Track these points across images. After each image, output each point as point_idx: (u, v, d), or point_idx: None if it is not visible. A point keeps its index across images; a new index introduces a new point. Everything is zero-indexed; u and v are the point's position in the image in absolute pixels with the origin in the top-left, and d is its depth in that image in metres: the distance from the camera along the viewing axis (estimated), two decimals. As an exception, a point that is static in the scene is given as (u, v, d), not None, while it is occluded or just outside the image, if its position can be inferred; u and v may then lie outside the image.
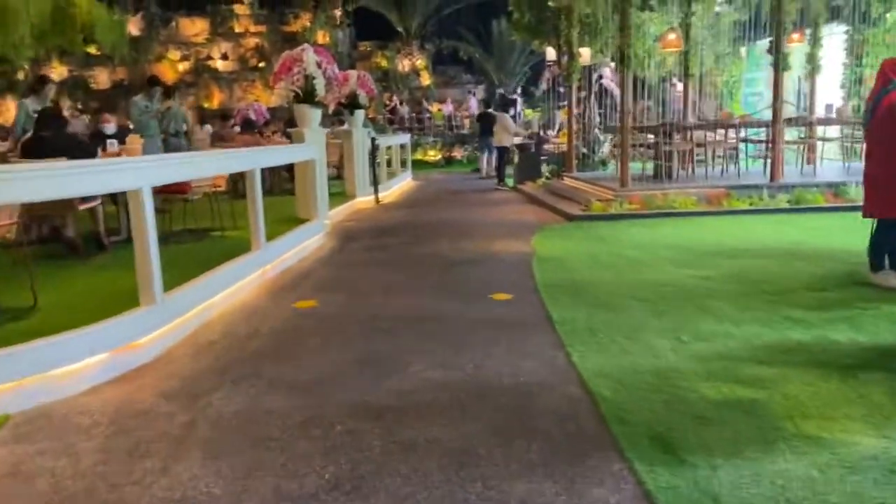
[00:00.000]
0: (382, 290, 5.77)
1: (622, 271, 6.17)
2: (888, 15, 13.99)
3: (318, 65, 8.90)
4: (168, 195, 7.86)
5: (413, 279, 6.21)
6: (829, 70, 13.93)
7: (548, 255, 7.05)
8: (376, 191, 12.20)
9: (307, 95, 8.99)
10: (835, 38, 14.52)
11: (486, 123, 15.51)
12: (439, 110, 26.25)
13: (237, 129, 13.71)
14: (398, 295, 5.61)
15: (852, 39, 14.69)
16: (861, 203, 5.66)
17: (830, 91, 14.41)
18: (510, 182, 14.59)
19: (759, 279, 5.69)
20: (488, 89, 29.01)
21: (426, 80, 30.52)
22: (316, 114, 9.04)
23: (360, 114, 11.94)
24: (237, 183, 13.24)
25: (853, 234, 7.57)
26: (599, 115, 14.88)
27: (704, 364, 3.78)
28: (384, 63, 30.58)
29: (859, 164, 11.67)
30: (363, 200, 12.04)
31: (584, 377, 3.62)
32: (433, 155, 21.76)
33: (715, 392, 3.39)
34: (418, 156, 20.92)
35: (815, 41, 12.62)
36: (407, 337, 4.47)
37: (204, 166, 5.08)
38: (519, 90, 23.40)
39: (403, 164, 17.16)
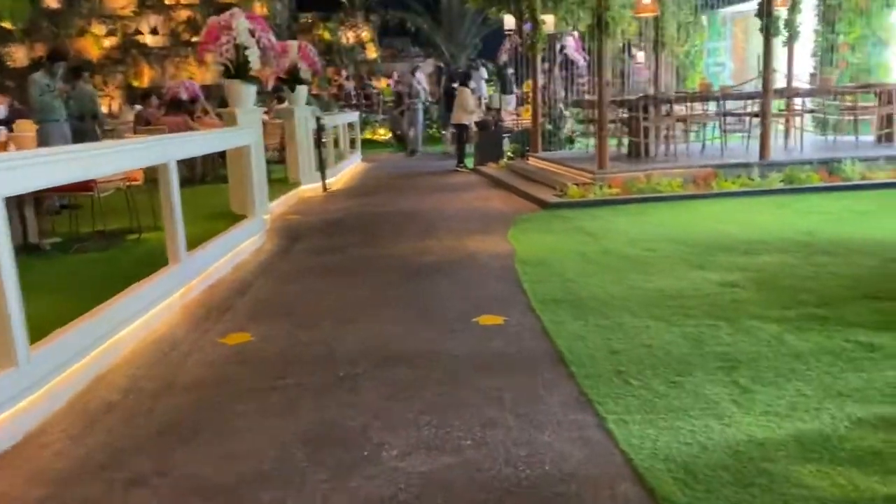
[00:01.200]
0: (335, 314, 4.59)
1: (625, 277, 5.13)
2: (863, -22, 13.25)
3: (251, 33, 7.56)
4: (68, 193, 6.51)
5: (373, 294, 5.05)
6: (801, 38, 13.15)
7: (531, 255, 5.97)
8: (323, 177, 10.93)
9: (239, 69, 7.66)
10: (806, 3, 13.75)
11: (452, 98, 14.31)
12: (388, 85, 24.85)
13: (162, 109, 12.17)
14: (355, 320, 4.45)
15: (824, 5, 13.95)
16: (859, 181, 4.71)
17: (802, 60, 13.65)
18: (469, 163, 13.46)
19: (791, 284, 4.72)
20: (438, 62, 27.67)
21: (372, 53, 28.98)
22: (250, 91, 7.72)
23: (302, 90, 10.60)
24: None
25: (866, 220, 6.73)
26: (564, 88, 13.83)
27: (788, 429, 2.75)
28: (327, 36, 28.89)
29: (847, 138, 11.04)
30: (309, 188, 10.75)
31: (635, 463, 2.54)
32: (383, 134, 20.42)
33: (829, 485, 2.36)
34: (367, 135, 19.57)
35: (793, 5, 11.76)
36: (371, 394, 3.32)
37: (93, 163, 3.80)
38: (480, 63, 22.15)
39: (352, 144, 15.85)
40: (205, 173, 11.60)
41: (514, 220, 7.74)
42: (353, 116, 15.65)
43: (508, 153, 13.44)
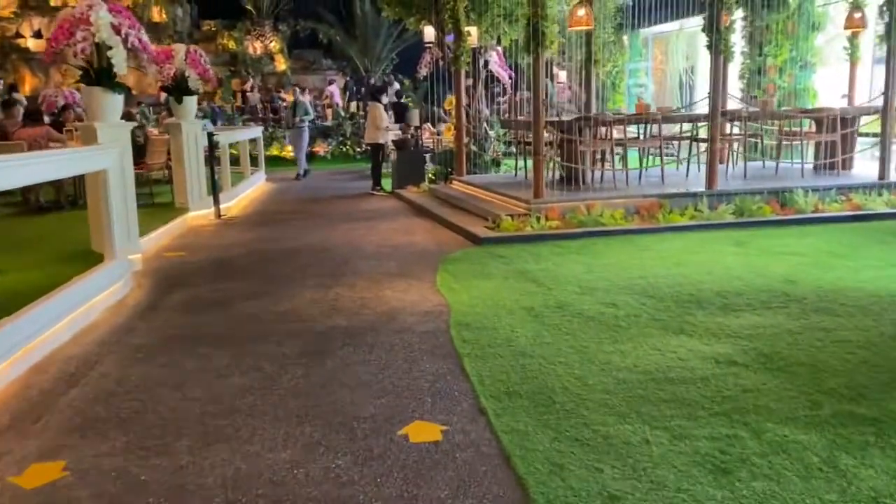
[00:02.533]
0: (197, 426, 3.19)
1: (592, 347, 4.00)
2: (790, 0, 12.93)
3: (116, 29, 6.08)
4: None
5: (257, 384, 3.68)
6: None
7: (469, 313, 4.76)
8: (217, 201, 9.41)
9: (102, 73, 6.15)
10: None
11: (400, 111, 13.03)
12: (297, 99, 23.29)
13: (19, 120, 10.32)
14: (226, 437, 3.09)
15: (752, 26, 13.56)
16: (813, 214, 3.81)
17: (729, 81, 13.18)
18: (387, 186, 12.21)
19: (804, 361, 3.71)
20: (353, 76, 26.35)
21: (282, 64, 27.35)
22: (114, 100, 6.21)
23: (190, 101, 9.08)
24: (29, 192, 9.98)
25: (844, 264, 5.90)
26: (489, 106, 12.82)
27: None
28: (232, 45, 27.09)
29: (785, 164, 10.41)
30: (200, 215, 9.22)
31: None
32: (291, 150, 18.88)
33: None
34: (274, 151, 17.99)
35: (729, 25, 11.18)
36: None
37: None
38: (393, 77, 20.91)
39: (255, 162, 14.30)
40: (76, 195, 9.85)
41: (443, 258, 6.53)
42: (256, 132, 14.11)
43: (430, 175, 12.29)
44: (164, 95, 13.81)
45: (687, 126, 10.59)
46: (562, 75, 20.33)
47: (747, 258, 6.22)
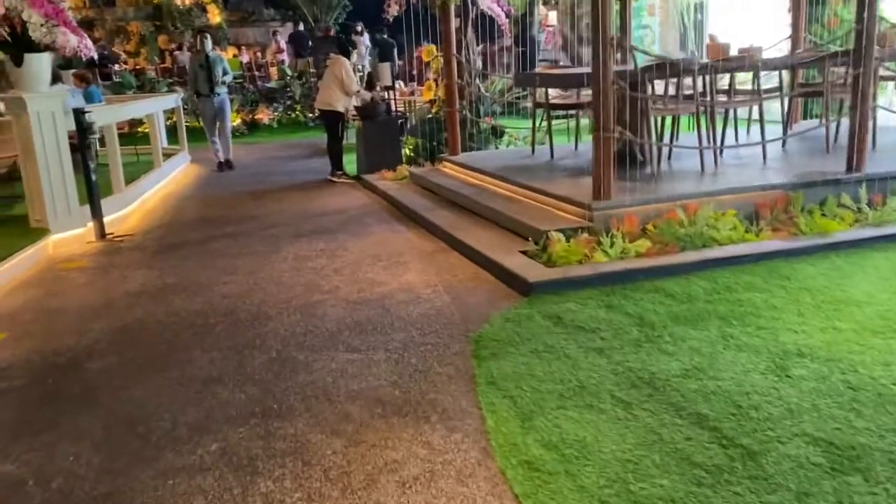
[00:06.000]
0: None
1: None
2: None
3: None
4: None
5: None
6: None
7: None
8: (97, 214, 6.18)
9: None
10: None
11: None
12: (235, 56, 19.72)
13: None
14: None
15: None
16: None
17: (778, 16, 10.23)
18: (351, 169, 9.07)
19: None
20: (296, 28, 22.64)
21: (215, 17, 23.44)
22: None
23: (37, 61, 5.76)
24: None
25: None
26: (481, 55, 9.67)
27: None
28: (155, -5, 23.04)
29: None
30: (69, 237, 6.01)
31: None
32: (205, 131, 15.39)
33: None
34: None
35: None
36: None
37: None
38: (361, 26, 17.30)
39: (175, 137, 10.94)
40: None
41: (475, 341, 3.51)
42: (171, 101, 10.70)
43: (407, 151, 9.16)
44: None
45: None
46: (551, 17, 17.14)
47: None
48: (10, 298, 4.69)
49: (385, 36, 15.98)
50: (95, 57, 6.68)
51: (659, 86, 6.23)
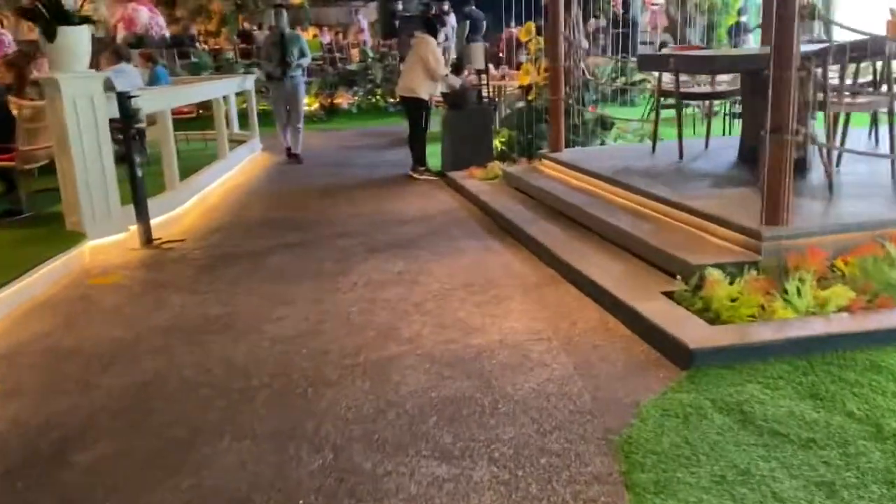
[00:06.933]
0: None
1: None
2: None
3: None
4: None
5: None
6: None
7: None
8: (143, 216, 5.30)
9: None
10: None
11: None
12: (315, 37, 18.91)
13: None
14: None
15: None
16: None
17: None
18: (435, 164, 7.98)
19: None
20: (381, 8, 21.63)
21: (297, -4, 22.76)
22: None
23: (74, 36, 4.88)
24: None
25: None
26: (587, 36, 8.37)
27: None
28: (237, -27, 22.52)
29: None
30: (110, 243, 5.16)
31: None
32: (307, 104, 14.59)
33: None
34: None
35: None
36: None
37: None
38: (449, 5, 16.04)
39: (247, 124, 10.14)
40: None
41: (621, 448, 2.35)
42: (247, 81, 9.87)
43: (498, 145, 7.99)
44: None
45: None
46: (657, -7, 15.53)
47: None
48: (20, 326, 3.82)
49: (474, 7, 14.80)
50: (167, 35, 5.82)
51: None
